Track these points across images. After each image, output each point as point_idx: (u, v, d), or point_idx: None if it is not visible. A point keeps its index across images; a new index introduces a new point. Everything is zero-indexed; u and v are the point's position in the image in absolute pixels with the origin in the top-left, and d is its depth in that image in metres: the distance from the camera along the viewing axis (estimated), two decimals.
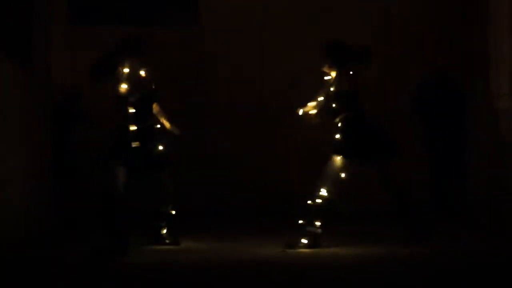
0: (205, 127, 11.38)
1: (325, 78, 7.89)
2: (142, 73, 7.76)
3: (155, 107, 7.96)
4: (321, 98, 7.78)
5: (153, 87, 7.91)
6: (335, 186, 7.62)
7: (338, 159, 7.64)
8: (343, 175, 7.63)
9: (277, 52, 11.52)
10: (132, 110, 7.59)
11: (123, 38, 7.75)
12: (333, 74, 7.81)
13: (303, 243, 7.59)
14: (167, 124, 7.98)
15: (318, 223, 7.60)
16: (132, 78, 7.67)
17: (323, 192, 7.58)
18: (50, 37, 9.93)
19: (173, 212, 7.94)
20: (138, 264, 6.98)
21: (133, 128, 7.58)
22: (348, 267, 6.60)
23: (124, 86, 7.65)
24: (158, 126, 7.93)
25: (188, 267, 6.71)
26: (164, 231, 7.96)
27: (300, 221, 7.66)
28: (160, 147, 7.76)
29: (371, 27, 11.43)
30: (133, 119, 7.59)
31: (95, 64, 7.58)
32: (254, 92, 11.50)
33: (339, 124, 7.73)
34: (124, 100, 7.66)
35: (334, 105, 7.71)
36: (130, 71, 7.65)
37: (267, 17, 11.64)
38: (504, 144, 8.57)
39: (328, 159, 7.71)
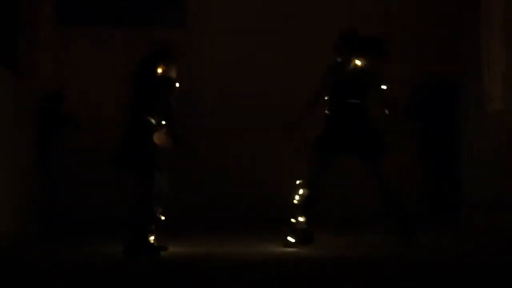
0: (193, 129, 11.24)
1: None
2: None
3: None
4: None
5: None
6: (317, 183, 7.64)
7: (317, 155, 7.64)
8: (324, 171, 7.63)
9: (269, 53, 11.49)
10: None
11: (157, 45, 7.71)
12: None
13: (290, 241, 7.62)
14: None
15: (302, 219, 7.63)
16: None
17: (303, 190, 7.62)
18: (37, 37, 9.83)
19: (163, 218, 7.55)
20: (137, 264, 6.95)
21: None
22: (345, 268, 6.55)
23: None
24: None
25: (186, 268, 6.70)
26: (152, 237, 7.52)
27: (292, 220, 7.71)
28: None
29: (370, 27, 11.38)
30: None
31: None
32: (244, 93, 11.46)
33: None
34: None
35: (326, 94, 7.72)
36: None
37: (259, 17, 11.61)
38: (498, 146, 8.58)
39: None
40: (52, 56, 11.32)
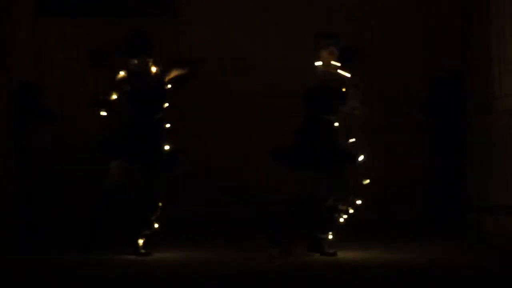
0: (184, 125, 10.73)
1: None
2: (153, 69, 7.54)
3: None
4: None
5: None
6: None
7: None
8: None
9: (262, 43, 11.16)
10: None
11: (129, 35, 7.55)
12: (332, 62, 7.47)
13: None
14: None
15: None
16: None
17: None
18: (16, 28, 9.62)
19: (156, 225, 7.41)
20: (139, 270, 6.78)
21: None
22: (343, 272, 6.56)
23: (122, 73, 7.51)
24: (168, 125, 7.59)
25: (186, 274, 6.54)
26: (141, 241, 7.40)
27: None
28: (167, 147, 7.41)
29: (371, 26, 11.18)
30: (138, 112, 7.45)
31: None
32: (235, 87, 11.09)
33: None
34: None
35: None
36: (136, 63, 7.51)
37: (251, 6, 11.26)
38: (507, 147, 8.29)
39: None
40: (33, 46, 11.00)
